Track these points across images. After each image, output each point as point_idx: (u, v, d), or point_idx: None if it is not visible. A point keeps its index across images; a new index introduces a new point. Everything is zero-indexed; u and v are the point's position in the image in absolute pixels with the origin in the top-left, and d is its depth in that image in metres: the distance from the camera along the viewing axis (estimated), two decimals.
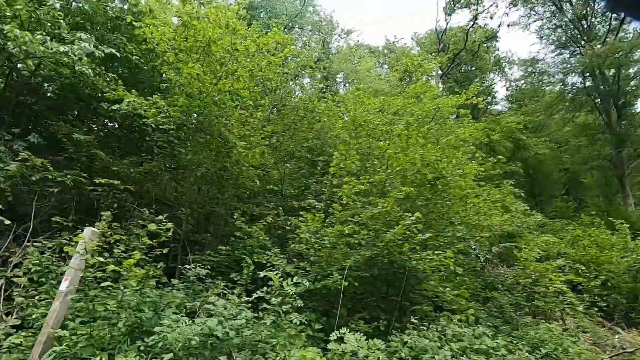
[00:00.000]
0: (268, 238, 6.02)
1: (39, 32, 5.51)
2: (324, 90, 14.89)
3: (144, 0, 8.05)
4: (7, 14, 5.80)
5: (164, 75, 6.72)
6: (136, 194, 6.35)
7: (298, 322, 3.65)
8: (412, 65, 10.29)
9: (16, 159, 5.12)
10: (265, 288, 3.89)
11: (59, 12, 6.15)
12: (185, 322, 3.49)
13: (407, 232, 4.70)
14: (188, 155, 5.97)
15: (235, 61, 6.11)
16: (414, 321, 4.34)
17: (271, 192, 8.47)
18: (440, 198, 6.21)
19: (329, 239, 4.99)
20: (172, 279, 4.97)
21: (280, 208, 7.23)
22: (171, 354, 3.07)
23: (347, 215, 5.26)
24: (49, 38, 5.39)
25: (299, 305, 3.72)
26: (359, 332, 3.71)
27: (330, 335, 3.57)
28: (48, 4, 6.11)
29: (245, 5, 6.88)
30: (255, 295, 3.79)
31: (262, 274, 4.02)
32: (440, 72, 19.61)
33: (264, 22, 14.15)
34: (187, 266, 4.79)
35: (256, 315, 3.81)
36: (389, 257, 4.90)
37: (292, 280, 3.94)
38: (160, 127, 6.02)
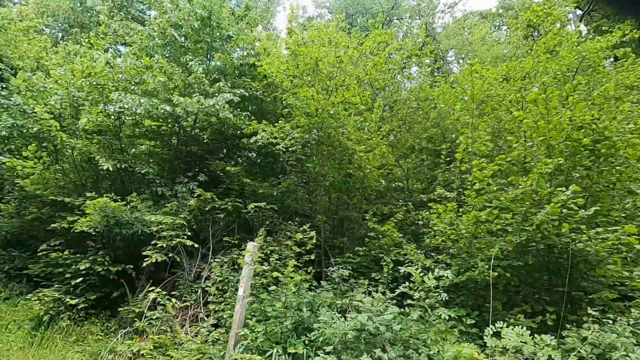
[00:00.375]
0: (401, 235, 6.02)
1: (193, 95, 6.99)
2: (435, 74, 14.03)
3: (257, 43, 9.33)
4: (170, 86, 7.59)
5: (283, 102, 7.59)
6: (279, 210, 7.27)
7: (447, 317, 3.54)
8: (538, 18, 8.73)
9: (193, 195, 6.59)
10: (407, 283, 3.92)
11: (202, 74, 7.70)
12: (339, 319, 3.83)
13: (564, 211, 4.01)
14: (316, 169, 6.52)
15: (342, 72, 6.43)
16: (593, 313, 3.64)
17: (397, 190, 8.44)
18: (606, 164, 5.06)
19: (465, 229, 4.67)
20: (320, 281, 5.50)
21: (409, 203, 7.14)
22: (331, 347, 3.40)
23: (483, 201, 4.83)
24: (201, 97, 6.77)
25: (443, 299, 3.61)
26: (519, 327, 3.35)
27: (485, 330, 3.33)
28: (194, 71, 7.72)
29: (342, 19, 7.19)
30: (397, 291, 3.86)
31: (401, 269, 4.06)
32: (579, 12, 15.97)
33: (362, 26, 14.34)
34: (332, 269, 5.21)
35: (402, 310, 3.87)
36: (544, 241, 4.27)
37: (432, 274, 3.86)
38: (289, 148, 6.79)
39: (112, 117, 7.12)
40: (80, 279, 6.01)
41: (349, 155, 6.56)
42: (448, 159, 6.75)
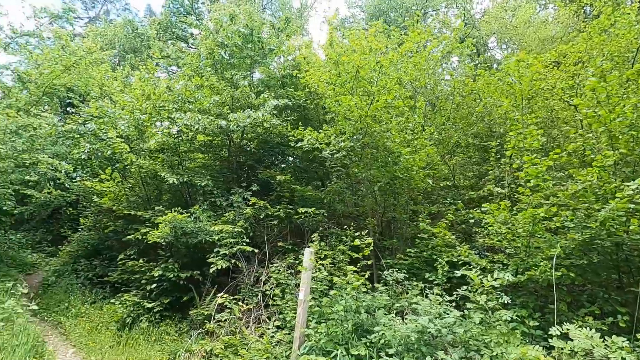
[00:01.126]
0: (453, 235, 5.99)
1: (241, 110, 7.44)
2: (477, 66, 13.52)
3: (297, 52, 9.66)
4: (220, 102, 8.11)
5: (326, 107, 7.81)
6: (328, 215, 7.50)
7: (508, 319, 3.55)
8: None
9: (247, 204, 7.03)
10: (465, 287, 3.95)
11: (247, 87, 8.15)
12: (397, 321, 3.97)
13: (632, 206, 3.83)
14: (362, 173, 6.67)
15: (383, 76, 6.52)
16: None
17: (445, 188, 8.33)
18: None
19: (522, 227, 4.58)
20: (372, 283, 5.65)
21: (459, 202, 7.05)
22: (393, 349, 3.55)
23: (539, 198, 4.70)
24: (250, 111, 7.20)
25: (504, 301, 3.62)
26: (587, 329, 3.28)
27: (550, 331, 3.30)
28: (240, 85, 8.20)
29: (381, 28, 7.26)
30: (456, 293, 3.91)
31: (458, 273, 4.10)
32: None
33: (398, 23, 14.18)
34: (386, 272, 5.33)
35: (461, 313, 3.92)
36: (610, 239, 4.09)
37: (491, 276, 3.87)
38: (334, 154, 7.00)
39: (173, 136, 7.78)
40: (155, 284, 6.67)
41: (395, 158, 6.62)
42: (498, 155, 6.58)
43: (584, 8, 13.55)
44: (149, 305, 6.56)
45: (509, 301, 3.64)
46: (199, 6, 19.69)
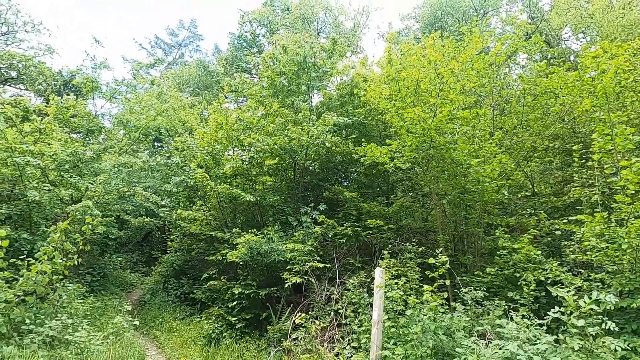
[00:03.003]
0: (538, 250, 5.48)
1: (303, 128, 7.83)
2: (549, 61, 12.42)
3: (352, 70, 9.90)
4: (283, 127, 8.60)
5: (386, 123, 7.82)
6: (396, 230, 7.40)
7: (619, 348, 3.13)
8: None
9: (317, 223, 7.25)
10: (557, 308, 3.60)
11: (306, 111, 8.54)
12: (480, 345, 3.73)
13: None
14: (430, 186, 6.50)
15: (445, 86, 6.37)
16: None
17: (523, 197, 7.70)
18: None
19: (628, 241, 4.04)
20: (449, 303, 5.37)
21: (541, 212, 6.46)
22: None
23: None
24: (311, 128, 7.54)
25: (609, 327, 3.21)
26: None
27: None
28: (300, 109, 8.62)
29: (438, 40, 7.18)
30: (549, 316, 3.57)
31: (552, 291, 3.74)
32: None
33: (454, 30, 13.76)
34: (463, 290, 5.07)
35: (556, 338, 3.56)
36: None
37: (589, 297, 3.47)
38: (398, 167, 6.94)
39: (245, 162, 8.44)
40: (235, 302, 7.14)
41: (463, 170, 6.34)
42: (584, 158, 5.93)
43: None
44: (232, 319, 7.01)
45: (615, 328, 3.22)
46: (260, 39, 21.23)
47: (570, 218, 5.16)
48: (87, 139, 9.60)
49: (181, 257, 10.75)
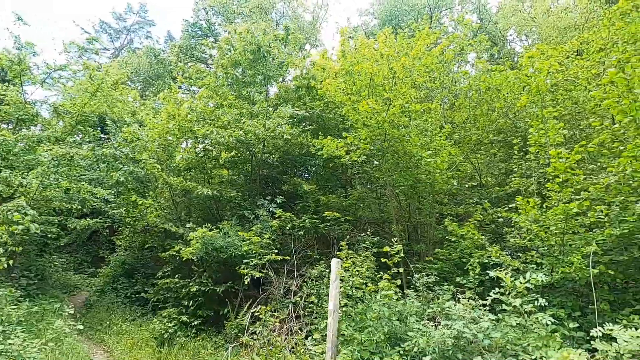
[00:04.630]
0: (482, 236, 5.86)
1: (259, 121, 7.69)
2: (497, 58, 13.21)
3: (309, 60, 9.86)
4: (239, 119, 8.39)
5: (344, 116, 7.91)
6: (353, 222, 7.54)
7: (547, 323, 3.44)
8: None
9: (273, 217, 7.18)
10: (497, 289, 3.87)
11: (264, 102, 8.39)
12: (430, 328, 3.93)
13: None
14: (384, 178, 6.68)
15: (397, 81, 6.55)
16: None
17: (471, 188, 8.18)
18: None
19: (555, 224, 4.44)
20: (402, 289, 5.60)
21: (486, 201, 6.90)
22: (428, 357, 3.52)
23: (570, 193, 4.55)
24: (267, 121, 7.43)
25: (541, 304, 3.52)
26: (633, 329, 3.13)
27: (592, 333, 3.18)
28: (256, 101, 8.46)
29: (390, 35, 7.34)
30: (490, 297, 3.83)
31: (491, 273, 4.01)
32: None
33: (410, 27, 14.16)
34: (416, 276, 5.29)
35: (496, 317, 3.83)
36: None
37: (524, 278, 3.77)
38: (355, 160, 7.05)
39: (199, 154, 8.12)
40: (191, 300, 6.90)
41: (416, 161, 6.59)
42: (524, 150, 6.41)
43: None
44: (186, 320, 6.78)
45: (545, 303, 3.53)
46: (216, 28, 20.43)
47: (510, 206, 5.56)
48: (18, 128, 8.68)
49: (132, 256, 10.18)
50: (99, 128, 11.90)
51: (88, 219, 10.47)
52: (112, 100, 10.84)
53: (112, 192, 8.46)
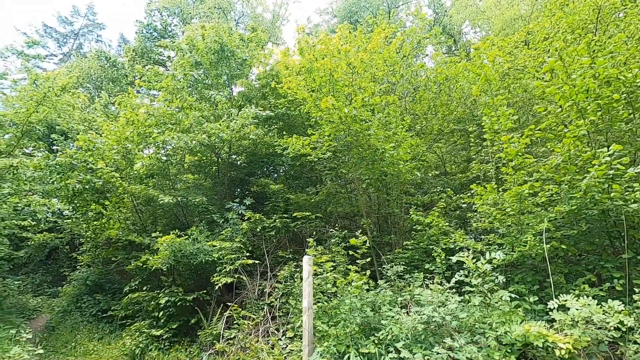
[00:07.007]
0: (448, 223, 6.07)
1: (222, 123, 7.51)
2: (453, 50, 13.69)
3: (272, 61, 9.76)
4: (202, 122, 8.16)
5: (309, 114, 7.90)
6: (324, 218, 7.56)
7: (509, 298, 3.62)
8: None
9: (244, 219, 7.06)
10: (461, 271, 4.02)
11: (227, 103, 8.21)
12: (402, 315, 4.02)
13: (611, 172, 3.95)
14: (350, 173, 6.74)
15: (357, 76, 6.62)
16: None
17: (436, 177, 8.45)
18: None
19: (510, 206, 4.68)
20: (376, 281, 5.70)
21: (449, 189, 7.16)
22: (401, 343, 3.60)
23: (523, 176, 4.81)
24: (230, 123, 7.26)
25: (500, 281, 3.70)
26: (584, 297, 3.36)
27: (549, 305, 3.38)
28: (218, 102, 8.25)
29: (347, 27, 7.40)
30: (453, 280, 3.97)
31: (453, 259, 4.17)
32: None
33: (368, 23, 14.35)
34: (385, 266, 5.39)
35: (462, 298, 3.99)
36: (596, 207, 4.20)
37: (484, 258, 3.94)
38: (321, 157, 7.07)
39: (160, 160, 7.80)
40: (161, 312, 6.64)
41: (380, 154, 6.71)
42: (478, 140, 6.70)
43: None
44: (157, 333, 6.53)
45: (504, 280, 3.71)
46: (173, 29, 19.74)
47: (471, 192, 5.80)
48: None
49: (95, 272, 9.64)
50: (47, 141, 11.15)
51: (45, 233, 9.80)
52: (61, 106, 10.16)
53: (68, 206, 7.94)
